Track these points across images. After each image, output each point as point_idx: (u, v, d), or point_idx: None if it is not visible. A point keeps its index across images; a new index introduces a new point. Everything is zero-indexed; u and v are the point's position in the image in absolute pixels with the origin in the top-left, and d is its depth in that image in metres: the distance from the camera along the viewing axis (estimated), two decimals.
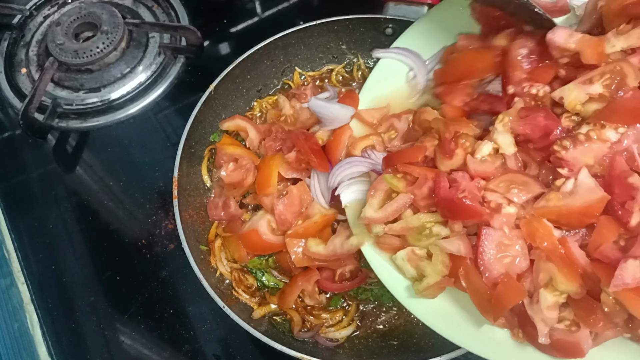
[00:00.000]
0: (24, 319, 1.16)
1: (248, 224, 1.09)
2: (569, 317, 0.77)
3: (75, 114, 1.40)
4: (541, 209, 0.78)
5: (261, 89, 1.32)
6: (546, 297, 0.76)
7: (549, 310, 0.76)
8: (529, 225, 0.78)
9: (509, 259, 0.78)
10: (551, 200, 0.78)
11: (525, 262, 0.79)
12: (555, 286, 0.75)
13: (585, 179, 0.76)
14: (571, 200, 0.76)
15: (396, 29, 1.26)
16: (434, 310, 0.85)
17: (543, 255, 0.77)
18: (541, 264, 0.77)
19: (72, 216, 1.27)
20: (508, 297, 0.76)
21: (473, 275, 0.80)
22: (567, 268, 0.74)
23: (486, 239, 0.79)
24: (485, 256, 0.78)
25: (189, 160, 1.17)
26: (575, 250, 0.75)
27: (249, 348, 1.07)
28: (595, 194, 0.74)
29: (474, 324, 0.83)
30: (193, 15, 1.54)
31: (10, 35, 1.54)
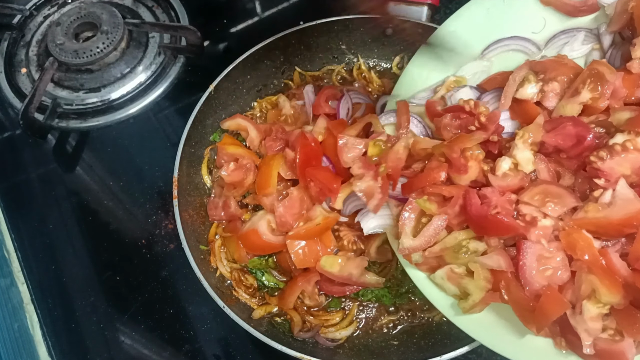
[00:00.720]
0: (24, 319, 1.16)
1: (248, 224, 1.09)
2: (612, 327, 0.77)
3: (75, 114, 1.40)
4: (580, 221, 0.78)
5: (261, 89, 1.32)
6: (589, 308, 0.76)
7: (593, 321, 0.75)
8: (568, 237, 0.78)
9: (550, 271, 0.79)
10: (590, 211, 0.78)
11: (566, 274, 0.79)
12: (599, 298, 0.75)
13: (624, 189, 0.76)
14: (610, 212, 0.76)
15: (396, 29, 1.26)
16: (479, 323, 0.85)
17: (584, 267, 0.77)
18: (583, 276, 0.77)
19: (72, 216, 1.27)
20: (551, 309, 0.76)
21: (514, 288, 0.80)
22: (609, 280, 0.74)
23: (527, 252, 0.79)
24: (526, 269, 0.78)
25: (189, 160, 1.17)
26: (616, 261, 0.75)
27: (249, 348, 1.07)
28: (634, 205, 0.74)
29: (516, 334, 0.83)
30: (193, 15, 1.54)
31: (10, 35, 1.54)
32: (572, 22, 1.00)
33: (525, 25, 1.02)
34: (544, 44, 1.01)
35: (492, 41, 1.03)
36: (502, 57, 1.03)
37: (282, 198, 1.06)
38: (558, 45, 0.99)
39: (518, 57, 1.02)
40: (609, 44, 0.95)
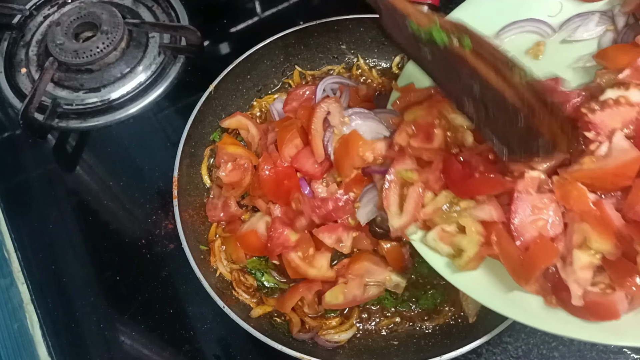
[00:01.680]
0: (24, 319, 1.16)
1: (246, 224, 1.09)
2: (604, 282, 0.76)
3: (75, 114, 1.40)
4: (575, 173, 0.78)
5: (261, 89, 1.32)
6: (580, 257, 0.75)
7: (583, 270, 0.75)
8: (562, 188, 0.78)
9: (542, 222, 0.78)
10: (585, 163, 0.77)
11: (559, 225, 0.78)
12: (590, 245, 0.75)
13: (620, 141, 0.76)
14: (605, 163, 0.76)
15: None
16: (476, 282, 0.85)
17: (577, 217, 0.76)
18: (575, 225, 0.76)
19: (72, 216, 1.27)
20: (540, 257, 0.75)
21: (505, 241, 0.79)
22: (601, 226, 0.74)
23: (519, 203, 0.78)
24: (517, 220, 0.78)
25: (189, 160, 1.17)
26: (610, 212, 0.75)
27: (249, 348, 1.07)
28: (629, 155, 0.74)
29: (510, 292, 0.82)
30: (193, 15, 1.54)
31: (10, 35, 1.54)
32: (587, 6, 1.01)
33: (542, 8, 1.03)
34: (559, 27, 1.02)
35: (508, 22, 1.03)
36: (513, 39, 1.04)
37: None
38: (572, 27, 1.00)
39: (531, 38, 1.03)
40: (623, 25, 0.96)
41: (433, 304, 1.03)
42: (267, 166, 1.05)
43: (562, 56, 1.00)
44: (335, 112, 1.05)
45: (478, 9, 1.05)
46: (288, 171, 1.05)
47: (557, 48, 1.02)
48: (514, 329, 1.05)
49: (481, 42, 0.77)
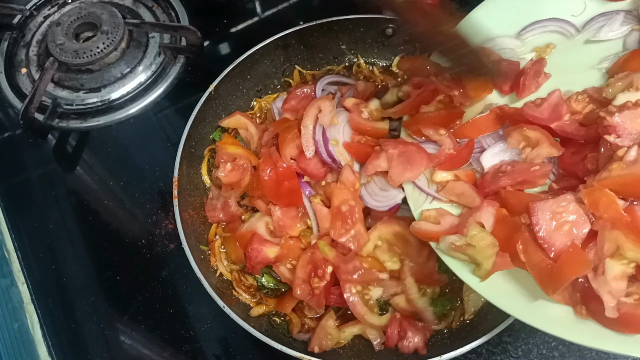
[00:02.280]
0: (24, 319, 1.16)
1: (246, 224, 1.09)
2: (638, 292, 0.73)
3: (75, 114, 1.40)
4: (604, 181, 0.76)
5: (261, 89, 1.32)
6: (612, 266, 0.72)
7: (616, 281, 0.71)
8: (591, 195, 0.75)
9: (567, 225, 0.76)
10: (614, 170, 0.75)
11: (585, 225, 0.75)
12: (623, 254, 0.72)
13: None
14: (635, 169, 0.73)
15: (396, 29, 1.26)
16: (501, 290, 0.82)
17: (608, 224, 0.73)
18: (606, 234, 0.73)
19: (72, 216, 1.27)
20: (572, 268, 0.72)
21: (533, 250, 0.76)
22: (635, 233, 0.71)
23: (536, 211, 0.76)
24: (541, 228, 0.75)
25: (189, 160, 1.17)
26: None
27: (249, 348, 1.07)
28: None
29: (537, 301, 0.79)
30: (193, 15, 1.54)
31: (10, 35, 1.54)
32: (611, 5, 0.99)
33: (565, 8, 1.02)
34: (582, 26, 1.00)
35: (530, 22, 1.02)
36: (537, 38, 1.03)
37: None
38: (596, 27, 0.99)
39: (553, 38, 1.01)
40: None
41: (442, 311, 1.02)
42: (267, 167, 1.05)
43: (587, 57, 0.98)
44: (326, 110, 1.05)
45: (498, 8, 1.03)
46: (288, 172, 1.05)
47: (581, 48, 1.00)
48: (514, 329, 1.05)
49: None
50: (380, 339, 0.99)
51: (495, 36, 1.03)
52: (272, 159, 1.06)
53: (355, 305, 0.97)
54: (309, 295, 0.97)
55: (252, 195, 1.10)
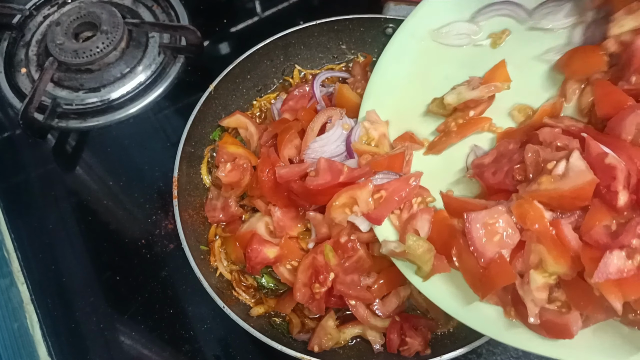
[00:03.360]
0: (24, 319, 1.16)
1: (246, 225, 1.09)
2: (561, 299, 0.77)
3: (75, 113, 1.40)
4: (533, 193, 0.79)
5: (261, 89, 1.32)
6: (535, 278, 0.76)
7: (539, 291, 0.76)
8: (520, 208, 0.79)
9: (497, 236, 0.79)
10: (543, 183, 0.78)
11: (515, 236, 0.79)
12: (545, 268, 0.76)
13: (577, 161, 0.76)
14: (562, 184, 0.76)
15: (396, 29, 1.26)
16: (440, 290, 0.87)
17: (534, 237, 0.77)
18: (532, 246, 0.78)
19: (72, 216, 1.27)
20: (498, 278, 0.78)
21: (466, 256, 0.81)
22: (557, 250, 0.75)
23: (471, 223, 0.80)
24: (474, 239, 0.80)
25: (189, 160, 1.17)
26: (567, 233, 0.75)
27: (249, 348, 1.07)
28: (585, 177, 0.74)
29: (471, 301, 0.84)
30: (193, 15, 1.54)
31: (10, 35, 1.54)
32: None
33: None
34: (532, 11, 1.00)
35: (484, 4, 1.03)
36: (490, 23, 1.03)
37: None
38: (543, 13, 0.98)
39: (508, 23, 1.02)
40: (591, 19, 0.93)
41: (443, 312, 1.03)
42: (266, 168, 1.05)
43: (531, 46, 0.98)
44: (335, 118, 1.07)
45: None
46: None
47: (531, 36, 1.00)
48: None
49: None
50: (380, 340, 0.99)
51: (450, 22, 1.04)
52: (270, 159, 1.06)
53: (357, 309, 0.97)
54: (310, 299, 0.97)
55: (252, 195, 1.10)
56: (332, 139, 1.06)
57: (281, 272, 1.03)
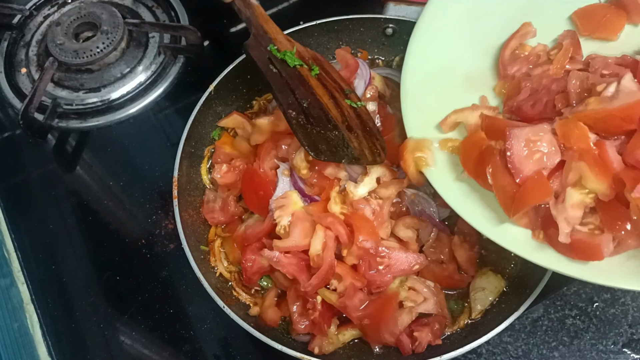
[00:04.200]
0: (24, 319, 1.16)
1: (244, 225, 1.09)
2: (594, 223, 0.76)
3: (75, 114, 1.40)
4: (580, 114, 0.77)
5: (261, 89, 1.32)
6: (572, 195, 0.75)
7: (574, 208, 0.75)
8: (564, 126, 0.78)
9: (538, 154, 0.78)
10: (590, 104, 0.77)
11: (556, 156, 0.78)
12: (584, 184, 0.75)
13: (628, 82, 0.75)
14: (610, 104, 0.75)
15: (396, 29, 1.26)
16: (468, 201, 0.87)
17: (576, 155, 0.76)
18: (572, 164, 0.76)
19: (72, 216, 1.27)
20: (534, 194, 0.76)
21: (502, 174, 0.80)
22: (599, 167, 0.74)
23: (513, 138, 0.79)
24: (514, 156, 0.78)
25: (189, 160, 1.17)
26: (611, 153, 0.74)
27: (249, 348, 1.07)
28: (635, 97, 0.73)
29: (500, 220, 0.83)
30: (193, 15, 1.54)
31: (10, 35, 1.54)
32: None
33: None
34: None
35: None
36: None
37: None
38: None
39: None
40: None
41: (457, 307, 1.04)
42: (248, 174, 1.07)
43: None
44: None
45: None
46: (264, 182, 1.06)
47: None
48: (514, 329, 1.05)
49: (328, 71, 1.08)
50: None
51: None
52: (253, 167, 1.08)
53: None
54: (311, 326, 0.98)
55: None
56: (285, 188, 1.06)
57: (276, 277, 1.03)
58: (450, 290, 1.05)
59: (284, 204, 1.01)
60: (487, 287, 1.02)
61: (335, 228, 0.94)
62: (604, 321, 1.05)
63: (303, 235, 0.96)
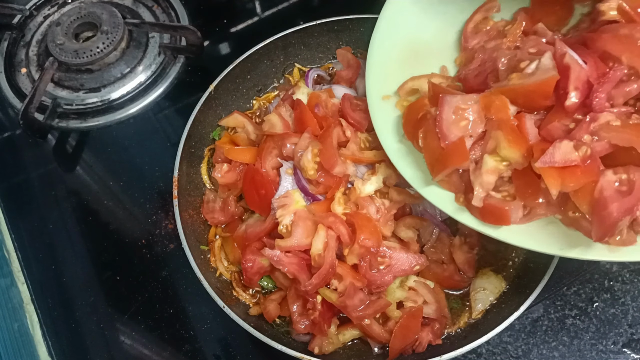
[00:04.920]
0: (24, 319, 1.16)
1: (244, 225, 1.09)
2: (509, 191, 0.81)
3: (75, 114, 1.40)
4: (502, 88, 0.83)
5: (261, 89, 1.32)
6: (488, 161, 0.80)
7: (488, 174, 0.80)
8: (486, 98, 0.83)
9: (464, 122, 0.83)
10: (512, 79, 0.82)
11: (480, 125, 0.82)
12: (499, 151, 0.79)
13: (547, 60, 0.79)
14: (527, 80, 0.80)
15: None
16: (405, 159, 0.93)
17: (495, 125, 0.81)
18: (492, 133, 0.81)
19: (72, 216, 1.27)
20: (453, 158, 0.82)
21: (431, 137, 0.86)
22: (513, 136, 0.79)
23: (444, 104, 0.83)
24: (443, 121, 0.83)
25: (189, 160, 1.17)
26: (528, 125, 0.79)
27: (249, 348, 1.07)
28: (547, 74, 0.77)
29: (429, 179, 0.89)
30: (193, 15, 1.54)
31: (10, 35, 1.54)
32: None
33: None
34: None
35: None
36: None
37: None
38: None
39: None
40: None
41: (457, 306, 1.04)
42: (249, 174, 1.06)
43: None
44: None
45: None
46: (265, 181, 1.05)
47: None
48: (514, 329, 1.05)
49: None
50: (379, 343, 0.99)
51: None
52: (255, 166, 1.07)
53: (371, 327, 0.96)
54: (311, 326, 0.98)
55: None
56: (287, 187, 1.06)
57: (277, 276, 1.03)
58: (450, 290, 1.05)
59: (285, 203, 1.01)
60: (487, 287, 1.02)
61: (337, 228, 0.94)
62: (604, 321, 1.05)
63: (305, 235, 0.96)
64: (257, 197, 1.06)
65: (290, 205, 1.01)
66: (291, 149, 1.05)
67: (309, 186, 1.02)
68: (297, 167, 1.03)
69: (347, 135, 1.05)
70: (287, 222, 0.99)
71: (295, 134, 1.06)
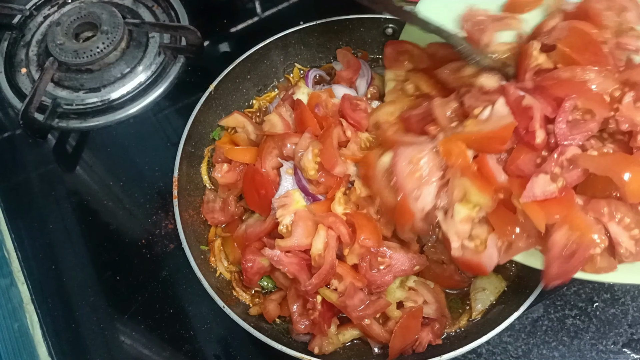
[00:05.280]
0: (24, 319, 1.16)
1: (244, 225, 1.09)
2: (482, 236, 0.82)
3: (75, 114, 1.40)
4: (459, 135, 0.84)
5: (261, 89, 1.32)
6: (460, 210, 0.81)
7: (462, 223, 0.81)
8: (445, 145, 0.84)
9: (420, 172, 0.84)
10: (468, 126, 0.84)
11: (437, 173, 0.83)
12: (469, 199, 0.80)
13: (501, 107, 0.81)
14: (484, 126, 0.81)
15: (396, 29, 1.26)
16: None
17: (458, 172, 0.82)
18: (456, 181, 0.82)
19: (72, 216, 1.27)
20: (401, 219, 0.85)
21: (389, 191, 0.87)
22: (480, 181, 0.80)
23: (399, 156, 0.85)
24: (398, 173, 0.84)
25: (189, 160, 1.17)
26: (492, 165, 0.81)
27: (249, 348, 1.07)
28: (504, 120, 0.80)
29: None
30: (193, 15, 1.54)
31: (10, 35, 1.54)
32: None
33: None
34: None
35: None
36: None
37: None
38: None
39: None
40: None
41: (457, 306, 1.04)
42: (249, 174, 1.06)
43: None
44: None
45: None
46: (265, 181, 1.05)
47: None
48: (514, 329, 1.05)
49: None
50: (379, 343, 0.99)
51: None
52: (255, 166, 1.07)
53: (371, 327, 0.96)
54: (311, 326, 0.98)
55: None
56: (287, 187, 1.06)
57: (277, 276, 1.03)
58: (450, 290, 1.05)
59: (286, 202, 1.01)
60: (487, 287, 1.02)
61: (337, 228, 0.94)
62: (604, 321, 1.05)
63: (305, 235, 0.96)
64: (257, 197, 1.06)
65: (291, 205, 1.01)
66: (291, 149, 1.05)
67: (310, 186, 1.02)
68: (298, 167, 1.03)
69: (347, 135, 1.05)
70: (287, 222, 0.99)
71: (296, 134, 1.06)
